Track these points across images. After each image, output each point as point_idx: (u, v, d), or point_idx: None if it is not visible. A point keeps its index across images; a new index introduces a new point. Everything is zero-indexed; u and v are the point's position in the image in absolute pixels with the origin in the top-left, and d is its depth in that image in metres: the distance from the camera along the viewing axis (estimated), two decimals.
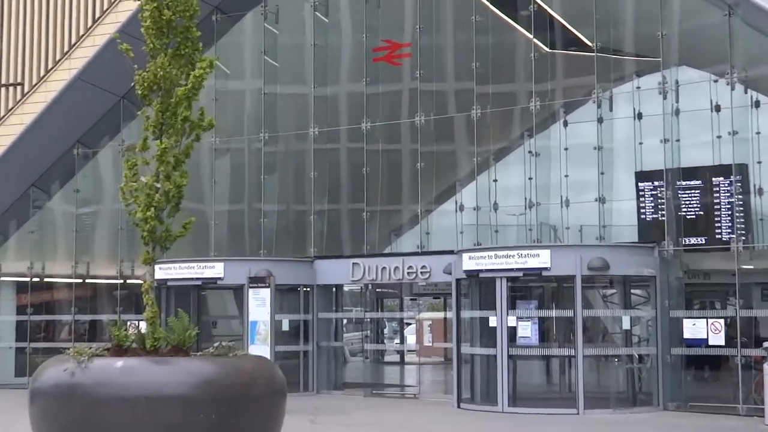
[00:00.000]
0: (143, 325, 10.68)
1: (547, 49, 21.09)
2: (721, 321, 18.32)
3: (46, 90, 24.36)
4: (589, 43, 20.39)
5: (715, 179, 18.63)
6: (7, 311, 25.44)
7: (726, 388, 18.67)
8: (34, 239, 25.44)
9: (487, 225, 21.03)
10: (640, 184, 19.43)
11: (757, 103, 18.71)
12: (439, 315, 29.35)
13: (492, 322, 18.75)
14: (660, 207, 19.11)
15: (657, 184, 19.17)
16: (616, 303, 19.75)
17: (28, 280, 25.10)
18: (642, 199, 19.32)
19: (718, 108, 18.77)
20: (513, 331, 18.64)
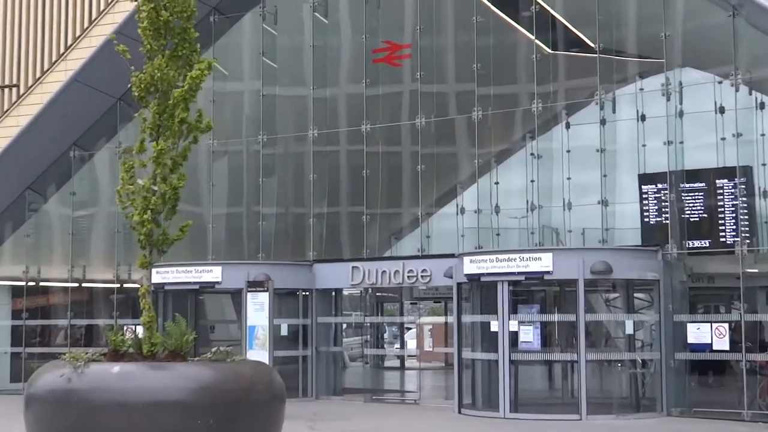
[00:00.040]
0: (140, 330, 10.68)
1: (549, 50, 21.09)
2: (726, 325, 18.31)
3: (41, 92, 24.37)
4: (592, 44, 20.39)
5: (719, 181, 18.62)
6: (2, 316, 25.40)
7: (731, 393, 18.64)
8: (29, 242, 25.43)
9: (489, 228, 21.02)
10: (643, 186, 19.42)
11: (762, 105, 18.71)
12: (440, 319, 29.34)
13: (493, 326, 18.73)
14: (663, 210, 19.10)
15: (660, 186, 19.16)
16: (619, 307, 19.74)
17: (23, 284, 25.08)
18: (645, 202, 19.31)
19: (722, 110, 18.77)
20: (515, 336, 18.62)
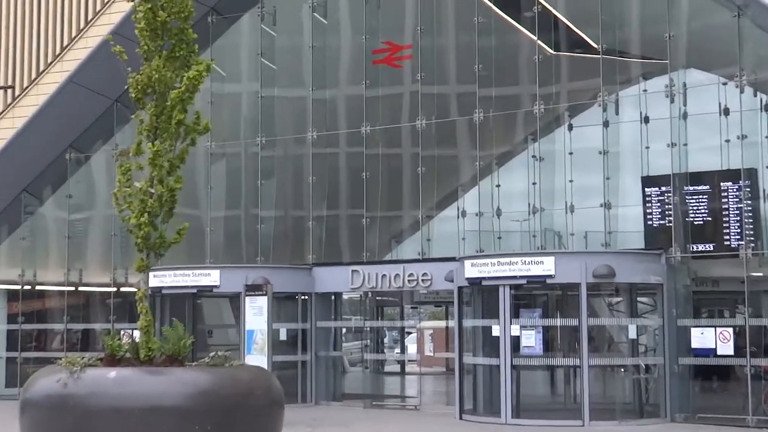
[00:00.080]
0: (137, 335, 10.69)
1: (552, 51, 21.10)
2: (730, 330, 18.30)
3: (37, 93, 24.38)
4: (595, 45, 20.40)
5: (724, 184, 18.62)
6: None
7: (735, 399, 18.65)
8: (25, 246, 25.45)
9: (490, 231, 21.02)
10: (646, 189, 19.43)
11: (767, 107, 18.72)
12: (441, 324, 29.33)
13: (495, 331, 18.73)
14: (667, 213, 19.10)
15: (664, 189, 19.16)
16: (622, 311, 19.75)
17: (19, 287, 25.10)
18: (648, 205, 19.31)
19: (726, 111, 18.78)
20: (516, 341, 18.62)
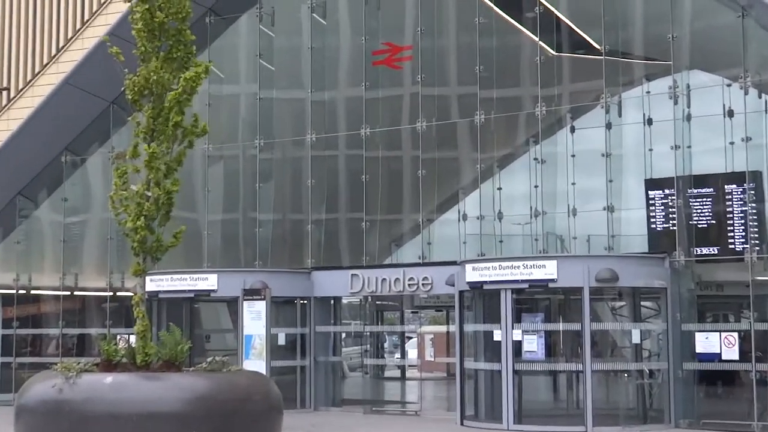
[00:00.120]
0: (133, 339, 10.69)
1: (554, 52, 21.11)
2: (735, 334, 18.31)
3: (32, 95, 24.38)
4: (597, 46, 20.41)
5: (728, 187, 18.62)
6: None
7: (740, 404, 18.63)
8: (20, 250, 25.43)
9: (491, 235, 21.02)
10: (650, 192, 19.43)
11: None
12: (442, 328, 29.34)
13: (496, 335, 18.73)
14: (671, 216, 19.10)
15: (668, 192, 19.16)
16: (625, 316, 19.74)
17: (14, 292, 25.09)
18: (652, 208, 19.31)
19: (731, 113, 18.78)
20: (518, 346, 18.62)
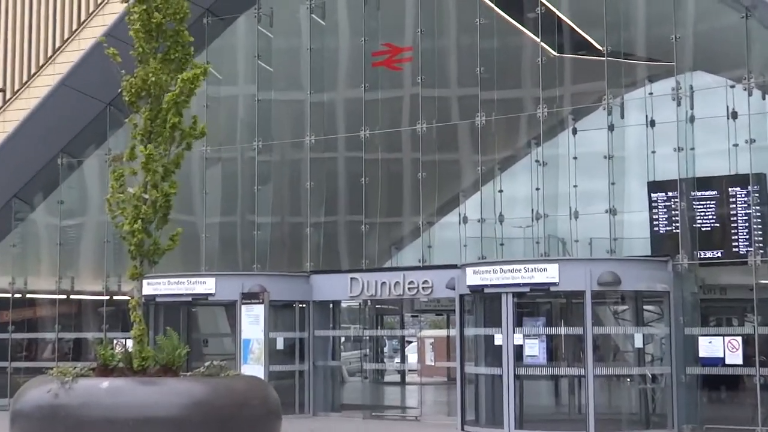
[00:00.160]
0: (130, 344, 10.69)
1: (555, 53, 21.12)
2: (739, 339, 18.30)
3: (28, 96, 24.37)
4: (599, 47, 20.42)
5: (732, 189, 18.63)
6: None
7: (744, 409, 18.63)
8: (15, 253, 25.43)
9: (492, 238, 21.02)
10: (652, 194, 19.43)
11: None
12: (442, 333, 29.32)
13: (497, 340, 18.71)
14: (674, 219, 19.10)
15: (670, 194, 19.17)
16: (627, 320, 19.74)
17: (9, 295, 25.08)
18: (655, 211, 19.31)
19: (734, 115, 18.80)
20: (519, 350, 18.60)
